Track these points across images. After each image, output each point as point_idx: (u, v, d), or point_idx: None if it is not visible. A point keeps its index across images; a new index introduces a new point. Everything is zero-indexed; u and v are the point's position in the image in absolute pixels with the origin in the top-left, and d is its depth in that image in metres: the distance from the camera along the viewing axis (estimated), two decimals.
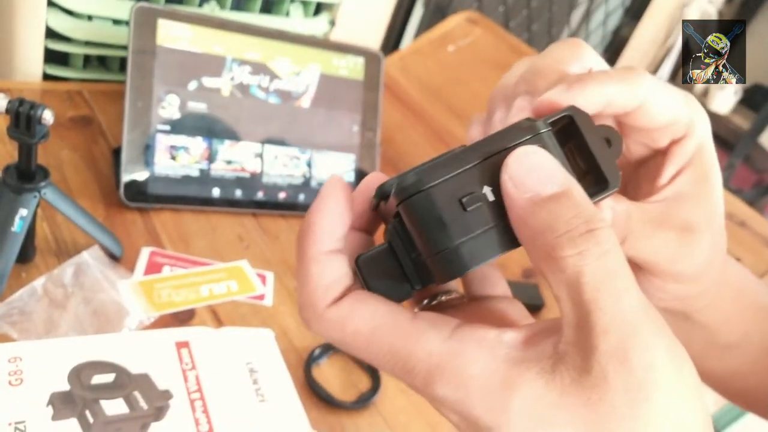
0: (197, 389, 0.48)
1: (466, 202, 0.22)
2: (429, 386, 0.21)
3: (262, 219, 0.73)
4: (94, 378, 0.46)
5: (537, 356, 0.21)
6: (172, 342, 0.51)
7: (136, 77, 0.66)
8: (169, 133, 0.68)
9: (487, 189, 0.22)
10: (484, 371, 0.20)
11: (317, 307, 0.23)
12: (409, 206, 0.22)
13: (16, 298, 0.52)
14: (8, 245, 0.50)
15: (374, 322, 0.22)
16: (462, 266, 0.22)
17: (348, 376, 0.59)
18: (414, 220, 0.22)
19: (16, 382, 0.44)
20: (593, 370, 0.20)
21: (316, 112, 0.77)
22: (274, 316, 0.61)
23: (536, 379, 0.20)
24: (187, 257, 0.64)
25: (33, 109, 0.48)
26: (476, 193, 0.22)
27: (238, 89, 0.72)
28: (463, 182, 0.22)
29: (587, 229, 0.20)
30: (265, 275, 0.65)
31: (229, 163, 0.72)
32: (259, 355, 0.54)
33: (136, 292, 0.57)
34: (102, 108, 0.76)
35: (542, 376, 0.20)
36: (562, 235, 0.20)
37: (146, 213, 0.67)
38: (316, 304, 0.23)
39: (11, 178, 0.51)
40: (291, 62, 0.75)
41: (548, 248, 0.20)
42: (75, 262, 0.56)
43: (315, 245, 0.23)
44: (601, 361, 0.19)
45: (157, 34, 0.68)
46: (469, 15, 1.09)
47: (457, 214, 0.22)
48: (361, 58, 0.80)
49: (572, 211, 0.20)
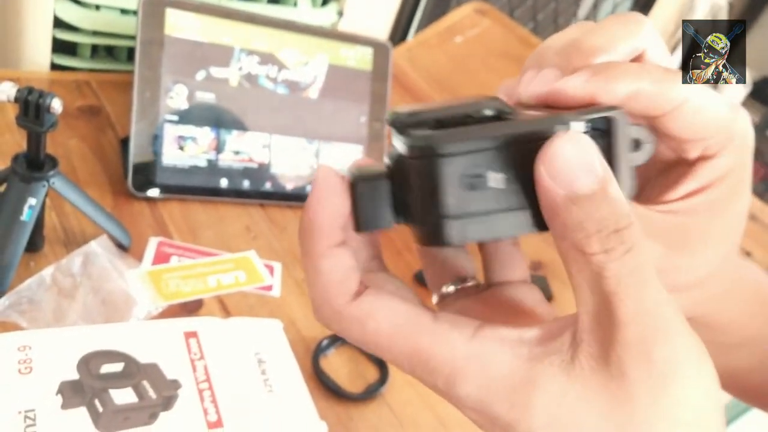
0: (205, 379, 0.48)
1: (473, 183, 0.21)
2: (452, 387, 0.21)
3: (269, 210, 0.72)
4: (103, 367, 0.46)
5: (557, 349, 0.21)
6: (181, 332, 0.51)
7: (144, 67, 0.66)
8: (176, 123, 0.68)
9: (498, 175, 0.22)
10: (507, 371, 0.21)
11: (334, 305, 0.23)
12: (417, 165, 0.22)
13: (24, 288, 0.52)
14: (17, 234, 0.50)
15: (396, 321, 0.22)
16: (444, 239, 0.22)
17: (356, 366, 0.59)
18: (418, 178, 0.22)
19: (26, 371, 0.44)
20: (611, 360, 0.20)
21: (324, 102, 0.77)
22: (281, 307, 0.61)
23: (558, 373, 0.20)
24: (195, 247, 0.64)
25: (42, 97, 0.47)
26: (485, 177, 0.21)
27: (246, 79, 0.72)
28: (477, 161, 0.21)
29: (615, 228, 0.20)
30: (272, 266, 0.65)
31: (236, 154, 0.71)
32: (268, 346, 0.54)
33: (144, 281, 0.57)
34: (110, 98, 0.76)
35: (563, 369, 0.20)
36: (592, 235, 0.20)
37: (154, 203, 0.67)
38: (332, 301, 0.23)
39: (20, 167, 0.51)
40: (299, 53, 0.75)
41: (577, 243, 0.20)
42: (83, 251, 0.56)
43: (321, 240, 0.23)
44: (619, 352, 0.20)
45: (165, 23, 0.67)
46: (477, 5, 1.09)
47: (461, 190, 0.21)
48: (369, 48, 0.80)
49: (605, 211, 0.20)
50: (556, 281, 0.74)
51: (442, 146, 0.21)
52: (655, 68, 0.24)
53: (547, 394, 0.20)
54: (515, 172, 0.22)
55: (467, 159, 0.21)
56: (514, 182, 0.22)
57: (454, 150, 0.21)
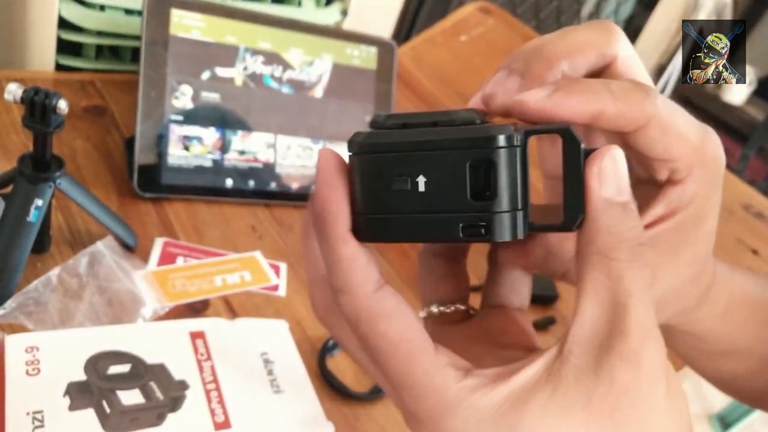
0: (212, 380, 0.48)
1: (400, 184, 0.22)
2: (434, 419, 0.22)
3: (275, 209, 0.72)
4: (111, 368, 0.46)
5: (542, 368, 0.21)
6: (187, 332, 0.51)
7: (150, 67, 0.66)
8: (182, 123, 0.68)
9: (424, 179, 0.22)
10: (494, 408, 0.21)
11: (359, 293, 0.22)
12: (351, 161, 0.23)
13: (31, 289, 0.52)
14: (24, 235, 0.50)
15: (405, 334, 0.22)
16: (363, 236, 0.22)
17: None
18: (352, 173, 0.23)
19: (34, 372, 0.44)
20: (602, 368, 0.21)
21: (329, 102, 0.77)
22: (287, 307, 0.61)
23: (542, 391, 0.21)
24: (201, 247, 0.64)
25: (48, 98, 0.47)
26: (411, 179, 0.22)
27: (251, 79, 0.72)
28: (406, 163, 0.22)
29: (638, 243, 0.22)
30: (278, 266, 0.65)
31: (241, 154, 0.71)
32: (274, 346, 0.54)
33: (150, 282, 0.57)
34: (115, 98, 0.76)
35: (547, 385, 0.21)
36: (623, 241, 0.21)
37: (159, 203, 0.67)
38: (356, 289, 0.22)
39: (27, 168, 0.51)
40: (304, 52, 0.75)
41: (606, 247, 0.21)
42: (89, 252, 0.56)
43: (339, 224, 0.22)
44: (614, 360, 0.21)
45: (170, 23, 0.67)
46: (481, 4, 1.08)
47: (387, 189, 0.22)
48: (373, 47, 0.79)
49: (632, 223, 0.22)
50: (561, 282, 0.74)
51: (369, 144, 0.22)
52: (619, 86, 0.23)
53: (532, 416, 0.21)
54: (443, 177, 0.22)
55: (395, 160, 0.22)
56: (442, 186, 0.22)
57: (378, 149, 0.22)
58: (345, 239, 0.22)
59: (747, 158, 2.00)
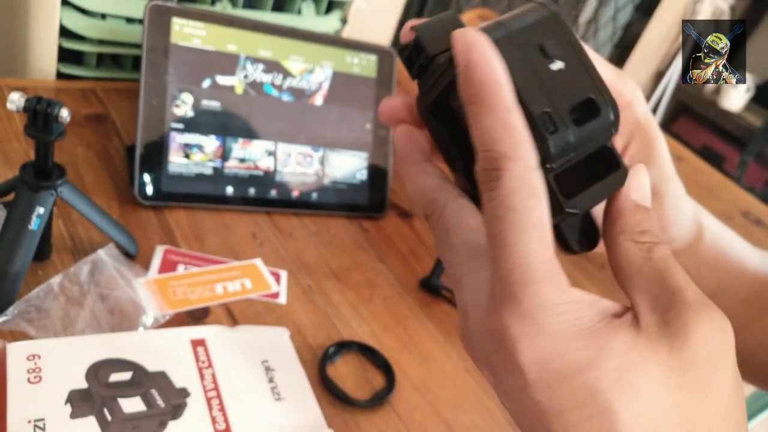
0: (214, 387, 0.49)
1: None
2: (537, 296, 0.23)
3: (275, 217, 0.73)
4: (112, 376, 0.46)
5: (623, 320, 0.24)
6: (188, 340, 0.52)
7: (151, 75, 0.67)
8: (182, 131, 0.68)
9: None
10: (593, 320, 0.23)
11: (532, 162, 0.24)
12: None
13: (33, 296, 0.52)
14: (26, 244, 0.51)
15: (546, 223, 0.24)
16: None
17: (363, 373, 0.59)
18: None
19: (35, 380, 0.44)
20: (672, 321, 0.23)
21: (329, 109, 0.77)
22: (288, 314, 0.61)
23: (628, 330, 0.23)
24: (202, 255, 0.64)
25: (50, 107, 0.48)
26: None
27: (252, 87, 0.72)
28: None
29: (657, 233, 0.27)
30: (279, 273, 0.65)
31: (242, 161, 0.72)
32: (275, 353, 0.54)
33: (152, 289, 0.57)
34: (116, 106, 0.76)
35: (632, 328, 0.24)
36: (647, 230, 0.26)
37: (160, 211, 0.67)
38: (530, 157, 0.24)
39: (28, 176, 0.51)
40: (304, 60, 0.75)
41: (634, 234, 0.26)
42: (91, 259, 0.56)
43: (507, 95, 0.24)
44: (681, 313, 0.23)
45: (171, 32, 0.68)
46: (481, 12, 1.09)
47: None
48: (373, 55, 0.80)
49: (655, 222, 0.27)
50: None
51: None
52: None
53: (621, 343, 0.23)
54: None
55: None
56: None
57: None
58: (514, 110, 0.24)
59: (745, 164, 2.01)
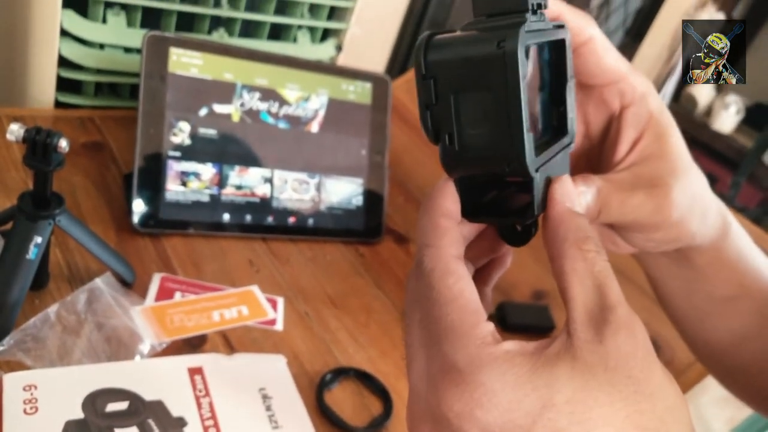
0: (211, 416, 0.48)
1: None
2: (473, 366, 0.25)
3: (272, 243, 0.73)
4: (109, 406, 0.46)
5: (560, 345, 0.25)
6: (186, 368, 0.51)
7: (148, 104, 0.67)
8: (179, 159, 0.69)
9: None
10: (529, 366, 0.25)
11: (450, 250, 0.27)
12: None
13: (29, 325, 0.52)
14: (23, 273, 0.51)
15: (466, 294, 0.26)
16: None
17: (360, 400, 0.58)
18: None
19: (32, 411, 0.44)
20: (606, 339, 0.24)
21: (325, 136, 0.78)
22: (285, 341, 0.61)
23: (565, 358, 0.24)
24: (198, 282, 0.64)
25: (49, 137, 0.48)
26: None
27: (248, 115, 0.73)
28: None
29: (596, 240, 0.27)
30: (275, 300, 0.65)
31: (239, 188, 0.72)
32: (272, 381, 0.54)
33: (149, 317, 0.57)
34: (113, 134, 0.77)
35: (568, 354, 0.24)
36: (588, 237, 0.27)
37: (157, 238, 0.67)
38: (447, 246, 0.27)
39: (26, 206, 0.51)
40: (300, 88, 0.76)
41: (578, 241, 0.27)
42: (88, 288, 0.56)
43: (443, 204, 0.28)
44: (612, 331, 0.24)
45: (169, 61, 0.68)
46: None
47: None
48: (368, 83, 0.81)
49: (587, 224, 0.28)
50: (558, 310, 0.74)
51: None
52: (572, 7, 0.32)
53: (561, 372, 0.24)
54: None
55: None
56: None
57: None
58: (445, 214, 0.28)
59: (738, 185, 2.02)
